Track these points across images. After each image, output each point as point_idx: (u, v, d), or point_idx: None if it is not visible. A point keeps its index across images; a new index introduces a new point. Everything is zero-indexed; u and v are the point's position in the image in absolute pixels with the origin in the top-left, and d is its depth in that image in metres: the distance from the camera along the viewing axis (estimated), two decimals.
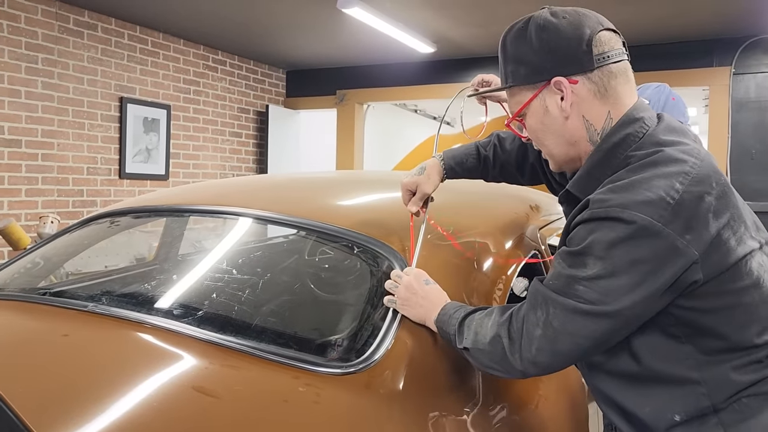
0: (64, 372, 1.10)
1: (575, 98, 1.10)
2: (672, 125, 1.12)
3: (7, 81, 4.22)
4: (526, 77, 1.14)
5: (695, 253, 0.96)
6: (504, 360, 1.12)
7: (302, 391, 1.17)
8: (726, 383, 1.02)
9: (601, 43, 1.09)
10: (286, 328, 1.38)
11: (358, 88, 6.61)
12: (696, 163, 1.02)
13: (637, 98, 1.14)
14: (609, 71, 1.10)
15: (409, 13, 4.56)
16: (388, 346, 1.28)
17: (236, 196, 1.70)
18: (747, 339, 1.02)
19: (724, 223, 0.99)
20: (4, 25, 4.19)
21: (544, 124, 1.15)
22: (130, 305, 1.42)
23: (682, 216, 0.97)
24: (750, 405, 1.02)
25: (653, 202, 0.97)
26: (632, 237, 0.97)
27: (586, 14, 1.12)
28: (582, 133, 1.12)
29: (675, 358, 1.04)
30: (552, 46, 1.10)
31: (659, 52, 5.32)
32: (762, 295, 1.03)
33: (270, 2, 4.44)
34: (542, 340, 1.05)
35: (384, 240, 1.45)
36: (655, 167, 1.01)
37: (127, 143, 5.10)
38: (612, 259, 0.98)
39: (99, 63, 4.87)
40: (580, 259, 1.02)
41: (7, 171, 4.26)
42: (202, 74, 5.88)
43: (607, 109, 1.10)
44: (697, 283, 0.98)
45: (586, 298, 1.01)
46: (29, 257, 1.82)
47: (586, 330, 1.02)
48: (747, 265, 1.01)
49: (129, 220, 1.87)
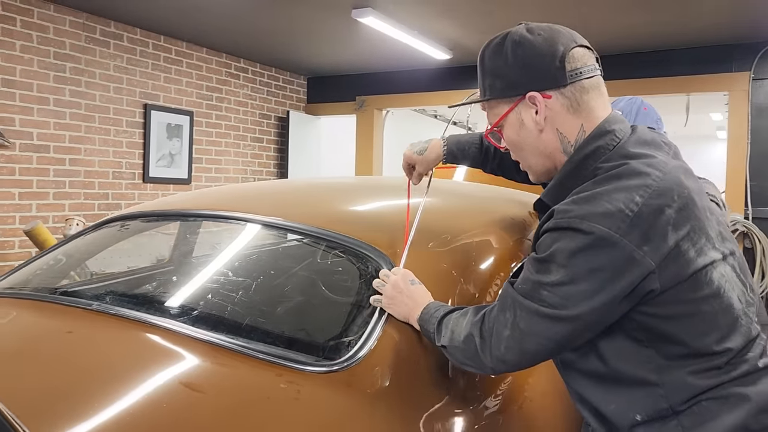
0: (60, 365, 1.19)
1: (549, 112, 1.15)
2: (644, 138, 1.15)
3: (36, 89, 4.40)
4: (503, 91, 1.19)
5: (652, 264, 1.01)
6: (476, 357, 1.19)
7: (284, 387, 1.24)
8: (684, 387, 1.06)
9: (574, 59, 1.14)
10: (274, 327, 1.45)
11: (378, 94, 6.69)
12: (659, 176, 1.05)
13: (610, 111, 1.18)
14: (581, 86, 1.14)
15: (422, 22, 4.63)
16: (371, 346, 1.34)
17: (237, 201, 1.78)
18: (706, 346, 1.05)
19: (684, 234, 1.03)
20: (34, 35, 4.37)
21: (520, 136, 1.20)
22: (131, 305, 1.51)
23: (639, 228, 1.01)
24: (709, 408, 1.05)
25: (612, 214, 1.01)
26: (591, 247, 1.02)
27: (560, 31, 1.17)
28: (556, 146, 1.17)
29: (637, 361, 1.09)
30: (527, 61, 1.15)
31: (678, 58, 5.29)
32: (722, 305, 1.06)
33: (288, 12, 4.55)
34: (510, 340, 1.12)
35: (373, 243, 1.51)
36: (619, 180, 1.06)
37: (150, 148, 5.26)
38: (573, 267, 1.04)
39: (124, 71, 5.03)
40: (545, 265, 1.08)
41: (36, 175, 4.44)
42: (224, 81, 6.03)
43: (580, 123, 1.15)
44: (654, 292, 1.02)
45: (549, 303, 1.06)
46: (45, 258, 1.93)
47: (549, 332, 1.08)
48: (707, 276, 1.05)
49: (138, 224, 1.97)
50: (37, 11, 4.38)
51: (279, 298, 1.58)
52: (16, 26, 4.27)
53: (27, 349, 1.31)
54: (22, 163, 4.35)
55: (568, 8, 4.27)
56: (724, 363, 1.06)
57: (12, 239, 4.31)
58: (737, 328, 1.07)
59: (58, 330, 1.40)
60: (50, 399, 1.10)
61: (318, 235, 1.57)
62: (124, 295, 1.66)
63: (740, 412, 1.04)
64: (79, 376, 1.18)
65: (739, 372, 1.06)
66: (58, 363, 1.24)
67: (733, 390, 1.05)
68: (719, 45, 5.12)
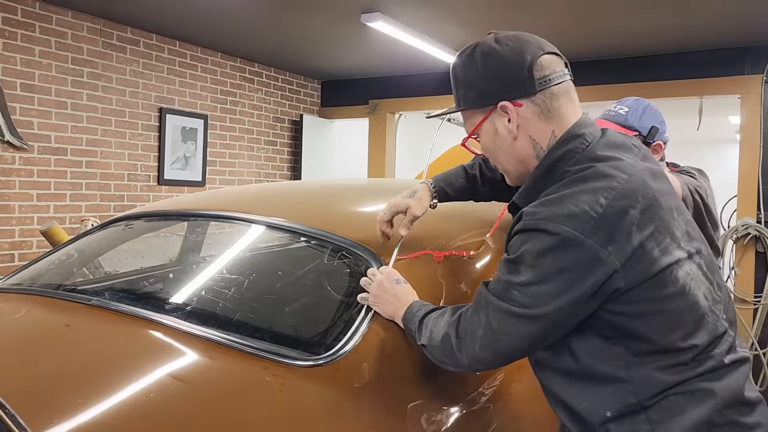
0: (56, 356, 1.26)
1: (521, 120, 1.19)
2: (613, 141, 1.19)
3: (54, 93, 4.53)
4: (475, 101, 1.24)
5: (616, 263, 1.04)
6: (453, 356, 1.23)
7: (268, 380, 1.29)
8: (651, 382, 1.09)
9: (542, 67, 1.18)
10: (263, 323, 1.51)
11: (390, 98, 6.74)
12: (624, 178, 1.09)
13: (580, 115, 1.22)
14: (551, 93, 1.18)
15: (431, 26, 4.67)
16: (357, 342, 1.38)
17: (235, 202, 1.85)
18: (672, 343, 1.08)
19: (648, 234, 1.06)
20: (52, 41, 4.50)
21: (496, 143, 1.24)
22: (128, 301, 1.57)
23: (604, 228, 1.04)
24: (676, 403, 1.08)
25: (577, 215, 1.05)
26: (557, 247, 1.06)
27: (528, 40, 1.21)
28: (530, 152, 1.21)
29: (607, 358, 1.12)
30: (496, 72, 1.19)
31: (689, 61, 5.26)
32: (687, 302, 1.09)
33: (299, 17, 4.62)
34: (484, 340, 1.16)
35: (364, 243, 1.56)
36: (585, 182, 1.09)
37: (165, 151, 5.37)
38: (541, 267, 1.08)
39: (140, 76, 5.15)
40: (515, 266, 1.12)
41: (54, 177, 4.56)
42: (238, 85, 6.13)
43: (552, 128, 1.19)
44: (619, 290, 1.06)
45: (519, 302, 1.10)
46: (52, 257, 2.00)
47: (521, 331, 1.12)
48: (672, 274, 1.08)
49: (141, 224, 2.04)
50: (56, 18, 4.51)
51: (269, 295, 1.63)
52: (35, 32, 4.40)
53: (26, 340, 1.38)
54: (40, 165, 4.47)
55: (576, 11, 4.29)
56: (690, 359, 1.09)
57: (30, 239, 4.43)
58: (703, 325, 1.10)
59: (57, 323, 1.47)
60: (42, 387, 1.16)
61: (311, 234, 1.63)
62: (122, 291, 1.72)
63: (705, 407, 1.07)
64: (72, 367, 1.24)
65: (705, 368, 1.09)
66: (54, 353, 1.31)
67: (699, 385, 1.08)
68: (731, 47, 5.09)
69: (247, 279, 1.61)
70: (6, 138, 4.23)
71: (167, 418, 1.11)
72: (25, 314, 1.52)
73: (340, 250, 1.60)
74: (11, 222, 4.33)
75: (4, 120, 4.22)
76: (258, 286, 1.63)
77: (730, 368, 1.11)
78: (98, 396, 1.13)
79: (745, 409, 1.11)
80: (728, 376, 1.10)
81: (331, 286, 1.58)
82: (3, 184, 4.27)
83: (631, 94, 5.11)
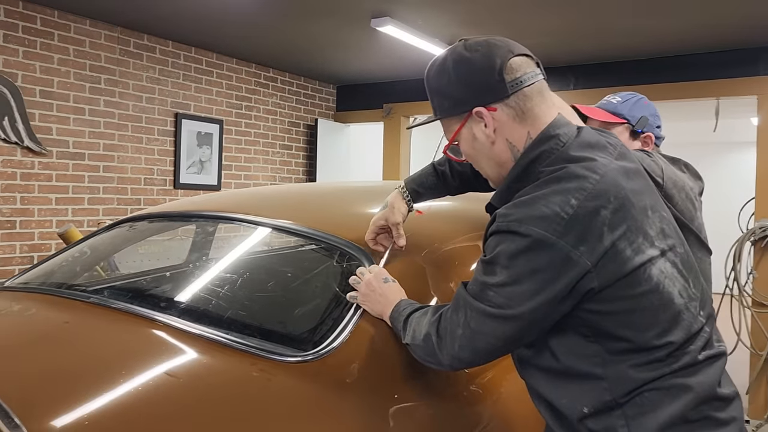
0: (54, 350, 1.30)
1: (497, 124, 1.20)
2: (587, 140, 1.19)
3: (72, 100, 4.64)
4: (451, 109, 1.26)
5: (588, 264, 1.06)
6: (434, 354, 1.25)
7: (255, 375, 1.32)
8: (626, 379, 1.10)
9: (513, 70, 1.19)
10: (253, 320, 1.54)
11: (404, 101, 6.77)
12: (596, 179, 1.10)
13: (555, 115, 1.23)
14: (524, 95, 1.19)
15: (440, 30, 4.69)
16: (344, 339, 1.41)
17: (229, 203, 1.89)
18: (647, 341, 1.09)
19: (620, 234, 1.07)
20: (71, 49, 4.61)
21: (475, 149, 1.26)
22: (128, 299, 1.62)
23: (575, 229, 1.06)
24: (651, 399, 1.09)
25: (548, 217, 1.07)
26: (530, 249, 1.07)
27: (497, 44, 1.23)
28: (508, 155, 1.23)
29: (585, 356, 1.13)
30: (468, 79, 1.21)
31: (704, 61, 5.21)
32: (662, 300, 1.10)
33: (311, 23, 4.68)
34: (463, 339, 1.18)
35: (356, 242, 1.59)
36: (557, 183, 1.11)
37: (181, 156, 5.46)
38: (515, 268, 1.10)
39: (157, 82, 5.25)
40: (490, 267, 1.14)
41: (72, 181, 4.67)
42: (253, 90, 6.21)
43: (527, 130, 1.20)
44: (593, 290, 1.07)
45: (494, 303, 1.12)
46: (60, 257, 2.07)
47: (497, 331, 1.14)
48: (646, 273, 1.09)
49: (146, 224, 2.10)
50: (74, 26, 4.62)
51: (261, 293, 1.67)
52: (54, 41, 4.51)
53: (28, 335, 1.44)
54: (58, 170, 4.58)
55: (588, 15, 4.28)
56: (665, 356, 1.10)
57: (49, 242, 4.53)
58: (679, 322, 1.11)
59: (57, 319, 1.52)
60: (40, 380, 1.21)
61: (302, 233, 1.66)
62: (122, 290, 1.77)
63: (680, 403, 1.08)
64: (68, 360, 1.29)
65: (680, 364, 1.10)
66: (53, 347, 1.36)
67: (674, 381, 1.09)
68: (747, 48, 5.03)
69: (240, 278, 1.65)
70: (26, 143, 4.34)
71: (152, 413, 1.14)
72: (27, 312, 1.58)
73: (331, 249, 1.62)
74: (31, 225, 4.45)
75: (24, 126, 4.33)
76: (250, 285, 1.67)
77: (705, 364, 1.12)
78: (88, 392, 1.17)
79: (719, 404, 1.12)
80: (702, 371, 1.11)
81: (322, 284, 1.61)
82: (23, 188, 4.39)
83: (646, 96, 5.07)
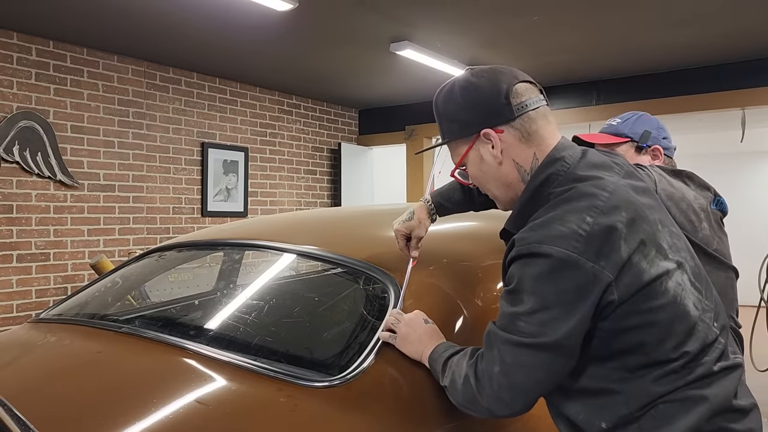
0: (86, 379, 1.34)
1: (504, 145, 1.23)
2: (593, 161, 1.22)
3: (102, 134, 4.78)
4: (459, 132, 1.28)
5: (610, 276, 1.07)
6: (474, 399, 1.21)
7: (282, 401, 1.34)
8: (643, 393, 1.11)
9: (518, 94, 1.23)
10: (280, 346, 1.56)
11: (426, 123, 6.82)
12: (606, 195, 1.12)
13: (559, 137, 1.26)
14: (529, 117, 1.23)
15: (459, 52, 4.73)
16: (370, 363, 1.41)
17: (254, 230, 1.92)
18: (664, 353, 1.10)
19: (635, 247, 1.09)
20: (100, 84, 4.76)
21: (483, 171, 1.28)
22: (158, 327, 1.65)
23: (594, 245, 1.07)
24: (666, 411, 1.10)
25: (566, 235, 1.08)
26: (553, 269, 1.08)
27: (502, 71, 1.26)
28: (515, 175, 1.25)
29: (603, 371, 1.14)
30: (476, 102, 1.24)
31: (728, 72, 5.16)
32: (678, 312, 1.11)
33: (332, 50, 4.76)
34: (500, 377, 1.15)
35: (380, 266, 1.60)
36: (569, 203, 1.13)
37: (208, 184, 5.56)
38: (542, 293, 1.09)
39: (182, 113, 5.38)
40: (516, 296, 1.13)
41: (103, 213, 4.79)
42: (277, 117, 6.31)
43: (533, 151, 1.23)
44: (613, 303, 1.08)
45: (527, 332, 1.11)
46: (93, 288, 2.12)
47: (534, 360, 1.11)
48: (662, 285, 1.10)
49: (175, 253, 2.14)
50: (102, 62, 4.78)
51: (287, 318, 1.69)
52: (84, 77, 4.66)
53: (60, 364, 1.47)
54: (90, 202, 4.70)
55: (611, 30, 4.28)
56: (681, 367, 1.10)
57: (82, 272, 4.64)
58: (694, 333, 1.12)
59: (90, 349, 1.56)
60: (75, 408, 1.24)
61: (328, 259, 1.68)
62: (151, 318, 1.81)
63: (694, 415, 1.09)
64: (100, 389, 1.32)
65: (694, 375, 1.11)
66: (86, 377, 1.39)
67: (688, 393, 1.10)
68: None
69: (267, 304, 1.67)
70: (58, 178, 4.47)
71: None
72: (61, 342, 1.62)
73: (356, 273, 1.64)
74: (64, 257, 4.56)
75: (56, 161, 4.47)
76: (277, 311, 1.69)
77: (720, 375, 1.12)
78: (120, 419, 1.20)
79: (735, 416, 1.11)
80: (717, 383, 1.11)
81: (348, 309, 1.62)
82: (56, 221, 4.51)
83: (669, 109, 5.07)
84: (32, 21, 4.07)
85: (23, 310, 4.31)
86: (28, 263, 4.35)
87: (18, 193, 4.30)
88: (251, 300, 1.71)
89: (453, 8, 3.83)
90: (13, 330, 1.89)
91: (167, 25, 4.16)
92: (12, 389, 1.23)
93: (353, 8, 3.82)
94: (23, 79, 4.32)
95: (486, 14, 3.96)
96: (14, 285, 4.29)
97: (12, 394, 1.14)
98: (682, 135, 8.00)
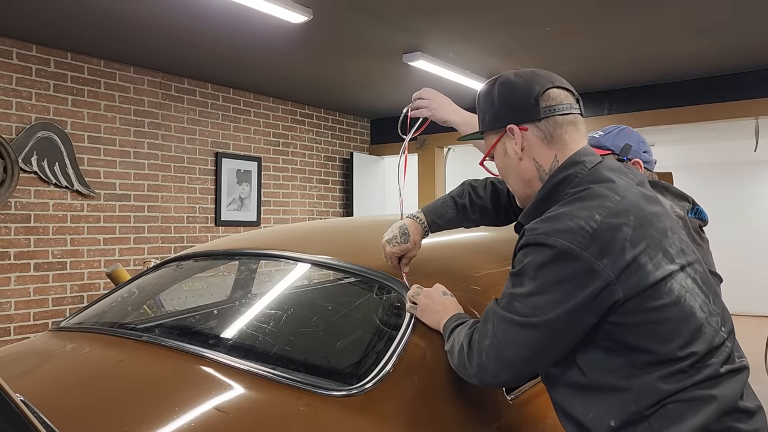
0: (110, 387, 1.36)
1: (526, 143, 1.30)
2: (610, 166, 1.28)
3: (118, 144, 4.84)
4: (490, 124, 1.36)
5: (611, 275, 1.11)
6: (464, 365, 1.32)
7: (302, 410, 1.35)
8: (651, 391, 1.13)
9: (549, 98, 1.29)
10: (299, 355, 1.58)
11: (438, 132, 6.83)
12: (618, 199, 1.18)
13: (584, 144, 1.31)
14: (555, 121, 1.29)
15: (472, 62, 4.76)
16: (387, 372, 1.43)
17: (266, 240, 1.95)
18: (671, 351, 1.13)
19: (641, 250, 1.14)
20: (116, 95, 4.82)
21: (505, 164, 1.36)
22: (177, 336, 1.68)
23: (598, 243, 1.12)
24: (675, 411, 1.12)
25: (573, 230, 1.13)
26: (555, 259, 1.14)
27: (540, 74, 1.33)
28: (533, 173, 1.32)
29: (611, 369, 1.17)
30: (508, 99, 1.32)
31: (740, 81, 5.14)
32: (684, 312, 1.15)
33: (345, 61, 4.81)
34: (490, 349, 1.24)
35: (394, 274, 1.62)
36: (582, 201, 1.18)
37: (222, 193, 5.61)
38: (541, 279, 1.16)
39: (197, 123, 5.44)
40: (518, 279, 1.21)
41: (119, 222, 4.84)
42: (290, 127, 6.36)
43: (554, 153, 1.29)
44: (618, 302, 1.12)
45: (521, 312, 1.18)
46: (112, 297, 2.15)
47: (522, 339, 1.19)
48: (667, 285, 1.14)
49: (191, 263, 2.17)
50: (119, 74, 4.85)
51: (304, 328, 1.71)
52: (101, 88, 4.73)
53: (84, 372, 1.50)
54: (106, 212, 4.76)
55: (622, 40, 4.29)
56: (689, 366, 1.13)
57: (98, 281, 4.69)
58: (701, 334, 1.15)
59: (112, 358, 1.58)
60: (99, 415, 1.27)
61: (343, 268, 1.70)
62: (171, 328, 1.84)
63: (702, 415, 1.11)
64: (123, 397, 1.34)
65: (702, 376, 1.14)
66: (109, 385, 1.42)
67: (697, 393, 1.13)
68: None
69: (284, 313, 1.70)
70: (75, 187, 4.53)
71: None
72: (83, 350, 1.65)
73: (371, 282, 1.66)
74: (81, 266, 4.61)
75: (74, 171, 4.53)
76: (294, 320, 1.71)
77: (727, 377, 1.15)
78: (141, 426, 1.22)
79: (742, 416, 1.14)
80: (724, 384, 1.14)
81: (364, 318, 1.64)
82: (73, 230, 4.56)
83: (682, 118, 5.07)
84: (51, 33, 4.15)
85: (40, 318, 4.36)
86: (45, 272, 4.41)
87: (36, 203, 4.37)
88: (269, 309, 1.74)
89: (465, 19, 3.87)
90: (35, 338, 1.92)
91: (183, 38, 4.22)
92: (39, 395, 1.26)
93: (367, 20, 3.86)
94: (42, 90, 4.39)
95: (498, 25, 3.99)
96: (32, 293, 4.34)
97: (39, 400, 1.17)
98: (696, 144, 7.97)
